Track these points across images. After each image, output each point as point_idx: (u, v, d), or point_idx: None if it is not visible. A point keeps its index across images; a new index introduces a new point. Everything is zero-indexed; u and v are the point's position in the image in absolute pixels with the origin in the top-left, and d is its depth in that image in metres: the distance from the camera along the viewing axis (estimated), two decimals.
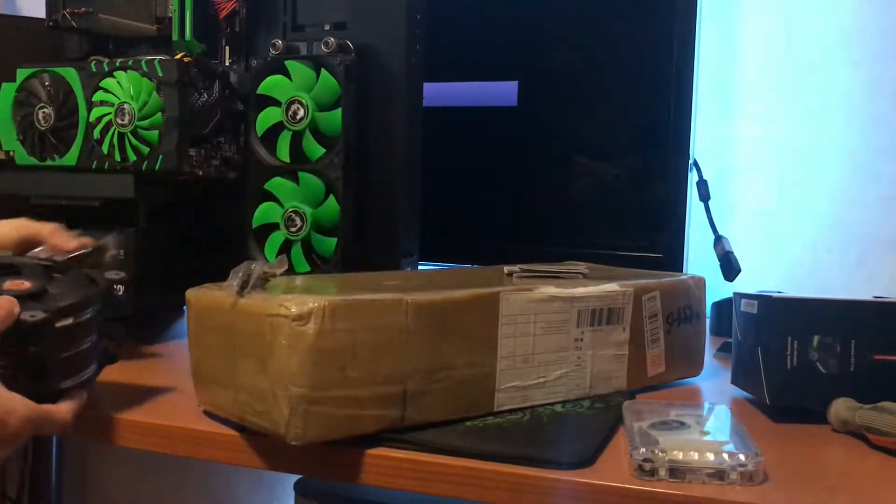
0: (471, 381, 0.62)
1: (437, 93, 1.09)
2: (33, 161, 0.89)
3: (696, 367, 0.79)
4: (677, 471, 0.52)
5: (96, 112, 0.86)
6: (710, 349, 0.95)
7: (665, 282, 0.74)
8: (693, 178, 1.03)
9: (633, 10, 1.04)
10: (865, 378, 0.65)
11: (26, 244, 0.66)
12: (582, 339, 0.68)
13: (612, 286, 0.70)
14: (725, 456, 0.52)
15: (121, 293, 0.87)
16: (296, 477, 1.11)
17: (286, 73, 0.86)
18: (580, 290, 0.67)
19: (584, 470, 0.54)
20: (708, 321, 1.06)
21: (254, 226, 0.88)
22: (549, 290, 0.66)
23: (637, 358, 0.72)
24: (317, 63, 0.85)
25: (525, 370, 0.65)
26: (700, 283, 0.78)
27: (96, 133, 0.86)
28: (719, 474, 0.52)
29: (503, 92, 1.08)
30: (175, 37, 0.89)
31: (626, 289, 0.70)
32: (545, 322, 0.65)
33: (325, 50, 0.85)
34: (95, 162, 0.86)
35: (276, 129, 0.86)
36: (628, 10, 1.05)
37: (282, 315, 0.54)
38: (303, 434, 0.54)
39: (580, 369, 0.68)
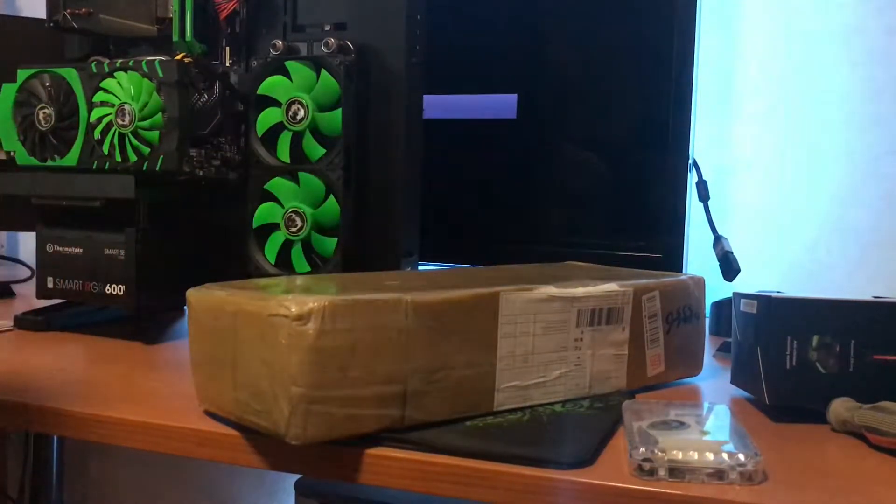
0: (470, 380, 0.62)
1: (438, 105, 1.10)
2: (34, 161, 0.89)
3: (695, 367, 0.79)
4: (677, 470, 0.52)
5: (97, 112, 0.86)
6: (709, 349, 0.95)
7: (665, 282, 0.75)
8: (693, 178, 1.03)
9: (633, 10, 1.05)
10: (865, 378, 0.65)
11: None
12: (581, 339, 0.68)
13: (611, 286, 0.70)
14: (725, 456, 0.52)
15: (122, 293, 0.88)
16: (296, 477, 1.11)
17: (286, 74, 0.86)
18: (580, 291, 0.67)
19: (583, 470, 0.54)
20: (707, 321, 1.06)
21: (254, 226, 0.88)
22: (549, 290, 0.66)
23: (636, 358, 0.72)
24: (317, 63, 0.85)
25: (524, 370, 0.65)
26: (700, 283, 0.78)
27: (97, 133, 0.86)
28: (719, 474, 0.52)
29: (503, 104, 1.09)
30: (175, 37, 0.90)
31: (626, 289, 0.70)
32: (545, 322, 0.65)
33: (325, 50, 0.85)
34: (96, 162, 0.86)
35: (277, 129, 0.86)
36: (628, 10, 1.05)
37: (282, 315, 0.54)
38: (303, 434, 0.55)
39: (580, 369, 0.68)
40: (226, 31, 0.93)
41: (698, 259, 1.08)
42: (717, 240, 1.04)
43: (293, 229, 0.86)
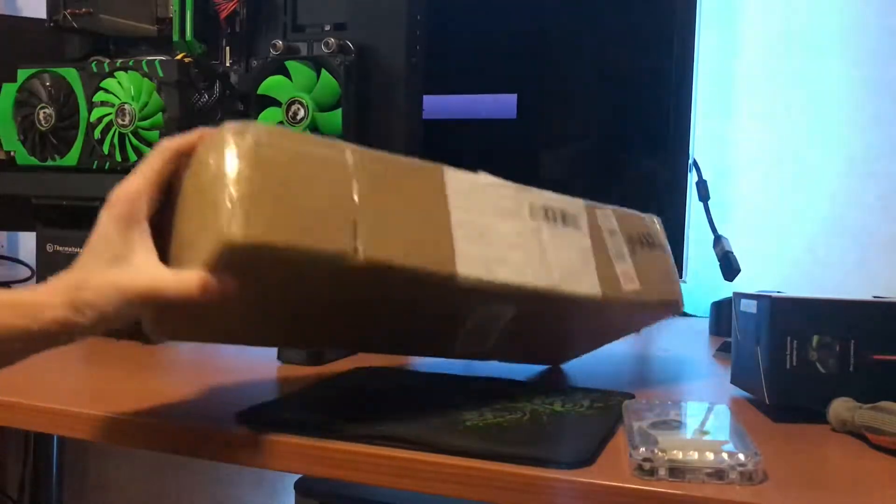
0: (426, 231, 0.59)
1: (438, 105, 1.10)
2: (34, 161, 0.89)
3: (673, 290, 0.77)
4: (677, 470, 0.52)
5: (97, 112, 0.86)
6: (709, 349, 0.95)
7: (617, 208, 0.74)
8: (693, 177, 1.03)
9: (633, 10, 1.05)
10: (865, 378, 0.65)
11: None
12: (540, 231, 0.66)
13: (561, 196, 0.69)
14: (725, 455, 0.52)
15: None
16: (296, 476, 1.11)
17: (286, 74, 0.86)
18: (528, 188, 0.67)
19: (583, 469, 0.54)
20: (707, 321, 1.07)
21: None
22: (496, 179, 0.65)
23: (606, 268, 0.70)
24: (317, 63, 0.85)
25: (483, 244, 0.62)
26: (655, 220, 0.78)
27: (97, 133, 0.86)
28: (719, 474, 0.52)
29: (503, 104, 1.09)
30: (175, 37, 0.90)
31: (577, 200, 0.70)
32: (496, 207, 0.64)
33: (326, 50, 0.85)
34: (96, 162, 0.86)
35: None
36: (628, 10, 1.05)
37: (221, 134, 0.53)
38: (245, 231, 0.51)
39: (543, 257, 0.66)
40: (226, 31, 0.93)
41: (698, 259, 1.08)
42: (718, 240, 1.04)
43: None
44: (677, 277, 0.78)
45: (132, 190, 0.55)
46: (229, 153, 0.52)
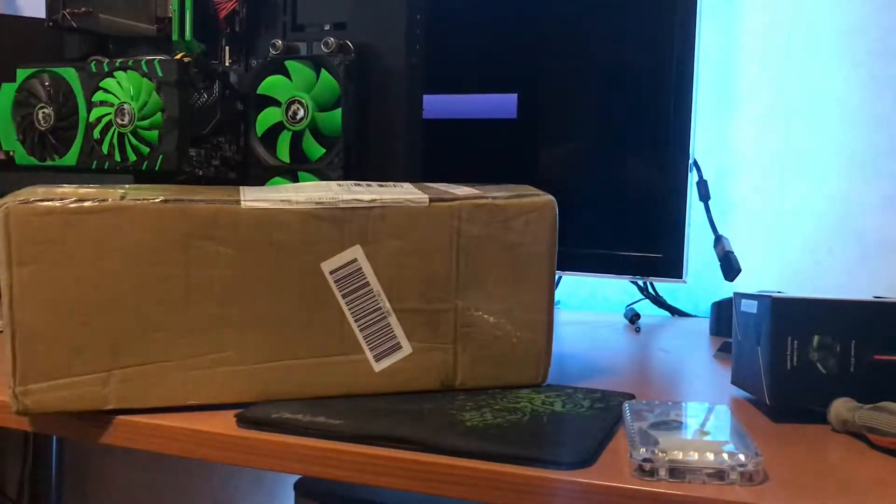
0: None
1: (438, 105, 1.10)
2: (33, 161, 0.89)
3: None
4: (677, 471, 0.52)
5: (96, 112, 0.86)
6: (709, 349, 0.95)
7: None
8: (693, 178, 1.03)
9: (633, 10, 1.05)
10: (865, 378, 0.65)
11: None
12: None
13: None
14: (725, 456, 0.52)
15: None
16: (295, 477, 1.11)
17: (286, 73, 0.86)
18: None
19: (584, 470, 0.54)
20: (708, 321, 1.07)
21: None
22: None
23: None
24: (317, 63, 0.85)
25: None
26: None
27: (96, 133, 0.86)
28: (719, 474, 0.52)
29: (503, 104, 1.09)
30: (175, 37, 0.89)
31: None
32: None
33: (325, 50, 0.85)
34: (95, 162, 0.86)
35: (276, 129, 0.86)
36: (628, 10, 1.05)
37: None
38: None
39: None
40: (225, 30, 0.93)
41: (699, 259, 1.08)
42: (718, 240, 1.04)
43: None
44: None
45: None
46: None
